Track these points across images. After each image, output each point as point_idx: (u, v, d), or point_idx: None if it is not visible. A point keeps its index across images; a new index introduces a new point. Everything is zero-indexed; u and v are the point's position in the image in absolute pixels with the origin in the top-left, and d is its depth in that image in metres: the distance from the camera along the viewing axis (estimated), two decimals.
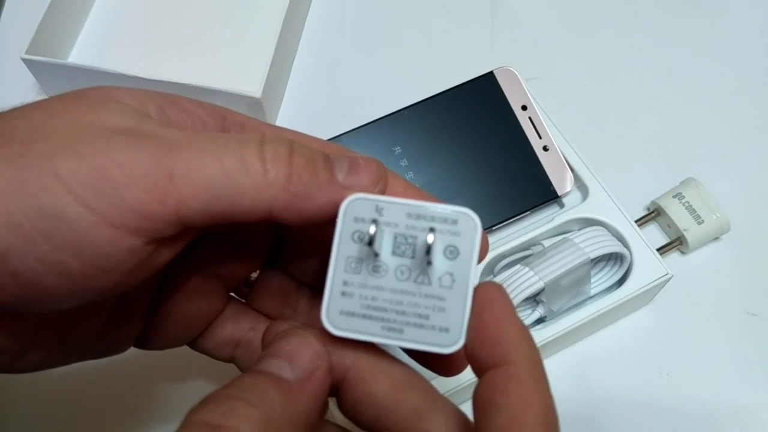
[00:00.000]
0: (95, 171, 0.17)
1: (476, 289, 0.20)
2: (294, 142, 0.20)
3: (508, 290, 0.35)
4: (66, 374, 0.23)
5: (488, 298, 0.20)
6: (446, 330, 0.19)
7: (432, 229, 0.19)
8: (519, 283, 0.35)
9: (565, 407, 0.19)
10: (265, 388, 0.18)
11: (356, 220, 0.20)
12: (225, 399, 0.18)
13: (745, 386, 0.37)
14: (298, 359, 0.19)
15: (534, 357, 0.19)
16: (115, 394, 0.36)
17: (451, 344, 0.19)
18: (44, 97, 0.44)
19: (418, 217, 0.20)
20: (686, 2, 0.49)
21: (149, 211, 0.17)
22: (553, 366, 0.37)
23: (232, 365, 0.26)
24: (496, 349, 0.19)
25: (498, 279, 0.35)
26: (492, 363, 0.19)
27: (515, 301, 0.34)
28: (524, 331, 0.19)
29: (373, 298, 0.20)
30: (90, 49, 0.46)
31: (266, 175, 0.18)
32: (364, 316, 0.20)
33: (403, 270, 0.20)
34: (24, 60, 0.41)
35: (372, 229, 0.19)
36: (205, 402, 0.18)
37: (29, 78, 0.44)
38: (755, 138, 0.44)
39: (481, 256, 0.21)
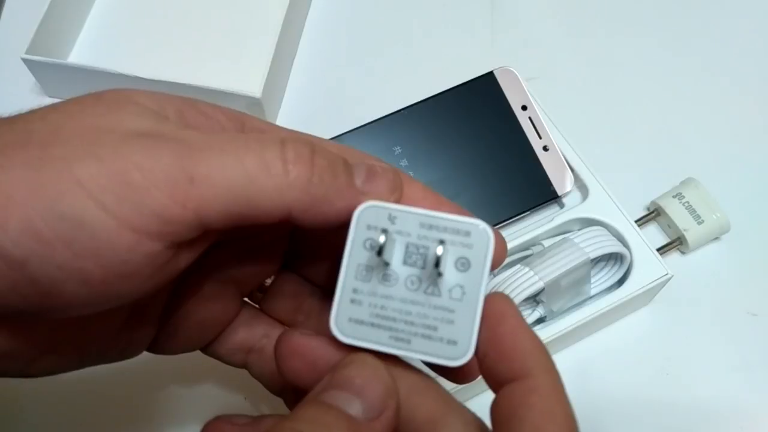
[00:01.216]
0: (115, 175, 0.17)
1: (486, 301, 0.19)
2: (315, 144, 0.20)
3: (508, 290, 0.35)
4: (77, 377, 0.23)
5: (500, 310, 0.19)
6: (454, 343, 0.19)
7: (442, 241, 0.19)
8: (519, 283, 0.35)
9: None
10: (336, 427, 0.18)
11: (369, 227, 0.20)
12: None
13: (745, 386, 0.37)
14: (369, 395, 0.18)
15: (552, 368, 0.19)
16: (125, 397, 0.36)
17: (458, 357, 0.19)
18: (44, 97, 0.45)
19: (431, 227, 0.20)
20: (686, 2, 0.49)
21: (170, 215, 0.17)
22: None
23: (244, 371, 0.26)
24: (515, 363, 0.19)
25: (498, 279, 0.35)
26: (511, 377, 0.19)
27: (515, 302, 0.34)
28: (539, 342, 0.19)
29: (382, 307, 0.20)
30: (90, 49, 0.46)
31: (287, 176, 0.18)
32: (372, 325, 0.20)
33: (413, 280, 0.20)
34: (24, 60, 0.41)
35: (381, 239, 0.19)
36: None
37: (29, 78, 0.44)
38: (755, 138, 0.44)
39: (498, 263, 0.21)
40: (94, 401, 0.36)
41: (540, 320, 0.37)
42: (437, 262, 0.19)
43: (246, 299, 0.26)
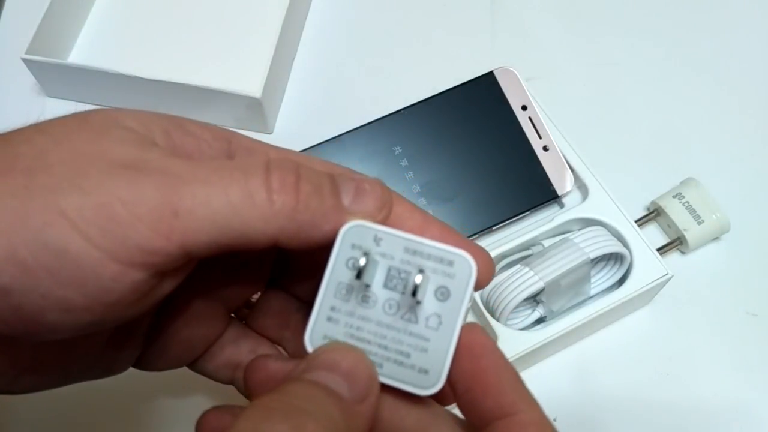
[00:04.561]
0: (100, 208, 0.17)
1: (462, 332, 0.19)
2: (301, 167, 0.19)
3: (508, 290, 0.35)
4: (65, 389, 0.23)
5: (479, 343, 0.19)
6: (425, 372, 0.19)
7: (421, 270, 0.19)
8: (519, 283, 0.35)
9: (565, 407, 0.19)
10: (328, 404, 0.17)
11: (353, 247, 0.20)
12: (293, 412, 0.17)
13: (745, 386, 0.37)
14: (355, 378, 0.18)
15: (536, 401, 0.19)
16: (114, 408, 0.36)
17: (428, 386, 0.19)
18: (44, 97, 0.45)
19: (415, 253, 0.20)
20: (686, 3, 0.49)
21: (155, 248, 0.17)
22: (553, 366, 0.37)
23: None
24: (503, 398, 0.18)
25: (498, 279, 0.35)
26: (499, 413, 0.18)
27: (515, 302, 0.34)
28: (519, 376, 0.19)
29: (358, 328, 0.20)
30: (90, 49, 0.46)
31: (272, 206, 0.18)
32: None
33: (391, 304, 0.20)
34: (24, 60, 0.41)
35: (362, 261, 0.19)
36: (268, 410, 0.17)
37: (29, 78, 0.44)
38: (755, 138, 0.44)
39: (483, 284, 0.21)
40: (82, 411, 0.36)
41: (540, 320, 0.37)
42: (414, 291, 0.19)
43: (232, 315, 0.26)
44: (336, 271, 0.20)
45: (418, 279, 0.19)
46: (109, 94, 0.42)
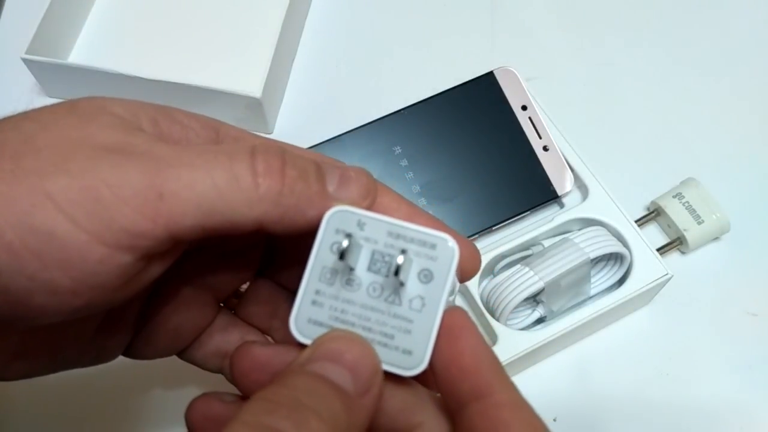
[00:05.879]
0: (85, 191, 0.17)
1: (445, 315, 0.19)
2: (286, 152, 0.20)
3: (508, 290, 0.35)
4: (56, 379, 0.23)
5: (459, 325, 0.19)
6: (409, 353, 0.19)
7: (404, 251, 0.19)
8: (519, 283, 0.35)
9: (565, 407, 0.19)
10: (332, 399, 0.18)
11: (337, 231, 0.20)
12: (296, 408, 0.17)
13: (745, 386, 0.37)
14: (359, 370, 0.18)
15: (512, 382, 0.19)
16: (106, 399, 0.36)
17: (412, 367, 0.19)
18: (44, 97, 0.45)
19: (398, 236, 0.20)
20: (686, 3, 0.49)
21: (140, 230, 0.17)
22: (553, 366, 0.37)
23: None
24: (479, 379, 0.19)
25: (498, 279, 0.35)
26: (475, 394, 0.18)
27: (515, 302, 0.34)
28: (497, 358, 0.19)
29: (343, 311, 0.20)
30: (90, 49, 0.46)
31: (257, 189, 0.18)
32: (331, 328, 0.20)
33: (375, 287, 0.20)
34: (24, 60, 0.41)
35: (345, 243, 0.19)
36: (272, 404, 0.17)
37: (29, 78, 0.44)
38: (755, 138, 0.44)
39: (467, 275, 0.21)
40: (73, 401, 0.36)
41: (540, 320, 0.37)
42: (397, 271, 0.19)
43: (222, 304, 0.26)
44: (320, 256, 0.20)
45: (400, 260, 0.19)
46: (109, 94, 0.42)
